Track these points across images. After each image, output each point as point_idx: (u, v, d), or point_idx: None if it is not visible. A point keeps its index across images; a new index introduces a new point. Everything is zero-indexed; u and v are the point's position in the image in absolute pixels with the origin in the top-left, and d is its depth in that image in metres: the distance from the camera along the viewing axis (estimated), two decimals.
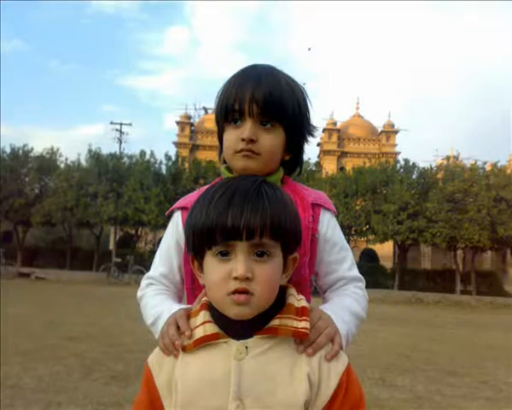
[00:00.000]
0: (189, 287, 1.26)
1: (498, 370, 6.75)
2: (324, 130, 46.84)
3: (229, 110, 1.17)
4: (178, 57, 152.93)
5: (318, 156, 48.30)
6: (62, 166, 34.53)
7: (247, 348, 1.00)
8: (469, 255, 31.28)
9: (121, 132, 35.12)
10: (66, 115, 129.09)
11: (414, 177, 30.42)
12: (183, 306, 1.17)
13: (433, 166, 31.08)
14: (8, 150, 34.16)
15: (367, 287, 1.29)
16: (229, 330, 1.01)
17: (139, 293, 1.29)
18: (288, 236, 1.01)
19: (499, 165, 29.78)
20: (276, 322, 1.00)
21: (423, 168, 30.76)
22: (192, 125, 49.18)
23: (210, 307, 1.04)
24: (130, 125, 36.26)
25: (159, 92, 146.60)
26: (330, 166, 44.11)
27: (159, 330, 1.14)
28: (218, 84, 1.23)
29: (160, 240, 1.45)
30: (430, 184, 29.43)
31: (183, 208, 1.25)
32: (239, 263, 0.96)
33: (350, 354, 1.08)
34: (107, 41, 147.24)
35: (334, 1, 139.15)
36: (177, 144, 47.10)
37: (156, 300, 1.23)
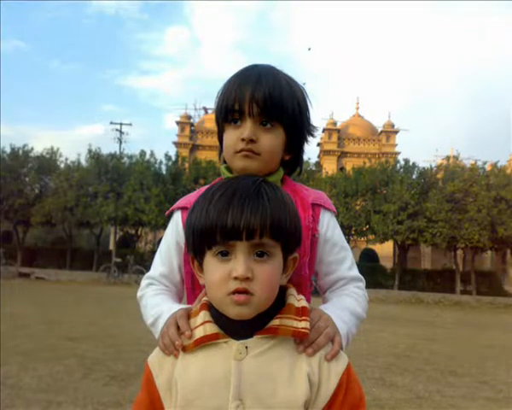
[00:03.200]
0: (189, 287, 1.26)
1: (498, 370, 6.76)
2: (324, 130, 46.84)
3: (229, 110, 1.17)
4: (178, 57, 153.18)
5: (318, 156, 48.31)
6: (62, 166, 34.56)
7: (247, 348, 1.00)
8: (469, 255, 31.29)
9: (121, 132, 35.12)
10: (67, 115, 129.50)
11: (414, 177, 30.43)
12: (183, 306, 1.17)
13: (433, 166, 31.11)
14: (8, 150, 34.19)
15: (367, 287, 1.29)
16: (229, 330, 1.01)
17: (139, 293, 1.29)
18: (288, 236, 1.01)
19: (499, 165, 29.84)
20: (276, 322, 1.00)
21: (423, 168, 30.78)
22: (192, 125, 49.19)
23: (210, 307, 1.04)
24: (130, 125, 36.25)
25: (159, 92, 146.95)
26: (330, 166, 44.09)
27: (159, 331, 1.14)
28: (218, 84, 1.24)
29: (160, 240, 1.45)
30: (430, 184, 29.45)
31: (182, 208, 1.25)
32: (239, 263, 0.96)
33: (350, 354, 1.08)
34: (107, 41, 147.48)
35: (334, 1, 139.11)
36: (177, 144, 47.13)
37: (156, 300, 1.23)
